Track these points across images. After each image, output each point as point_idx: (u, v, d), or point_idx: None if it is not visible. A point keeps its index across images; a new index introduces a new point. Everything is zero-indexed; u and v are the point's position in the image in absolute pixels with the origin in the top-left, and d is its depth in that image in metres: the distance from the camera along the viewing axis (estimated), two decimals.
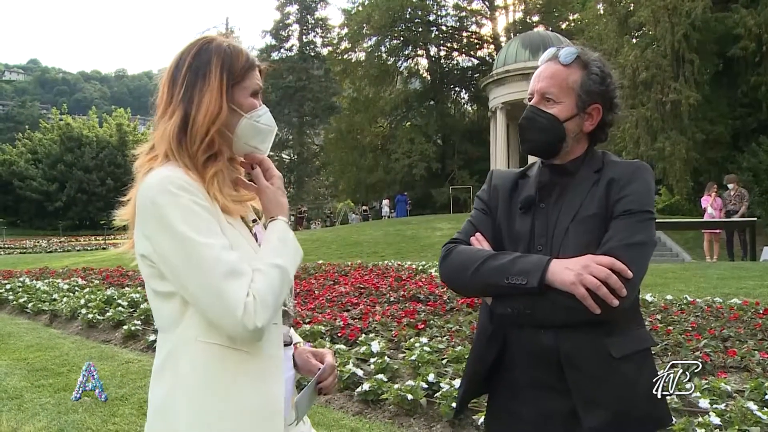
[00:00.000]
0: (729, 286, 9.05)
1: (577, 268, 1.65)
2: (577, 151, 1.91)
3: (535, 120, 1.88)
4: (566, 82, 1.86)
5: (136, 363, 6.36)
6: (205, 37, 1.70)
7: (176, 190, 1.49)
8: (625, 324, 1.78)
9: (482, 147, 40.10)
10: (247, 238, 1.63)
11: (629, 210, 1.74)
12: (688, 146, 18.43)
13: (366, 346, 5.56)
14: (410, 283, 9.40)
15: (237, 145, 1.68)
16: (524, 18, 45.74)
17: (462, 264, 1.83)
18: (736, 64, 20.48)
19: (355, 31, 42.29)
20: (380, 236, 21.09)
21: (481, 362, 1.90)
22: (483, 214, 1.97)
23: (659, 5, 18.94)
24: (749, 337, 5.87)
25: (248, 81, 1.67)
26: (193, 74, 1.61)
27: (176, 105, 1.60)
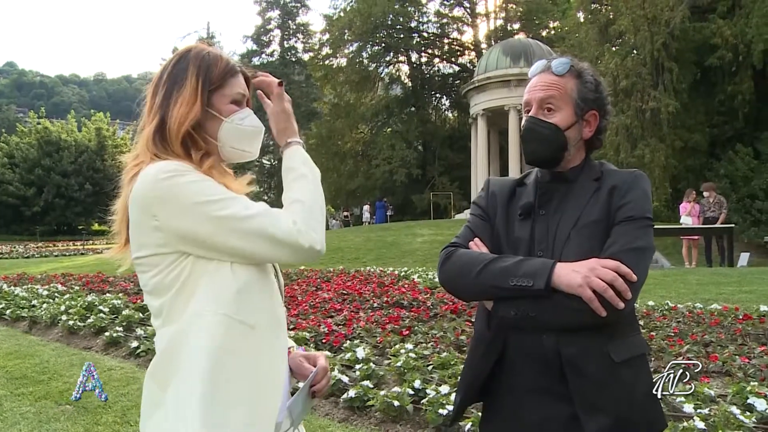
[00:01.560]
0: (708, 291, 9.15)
1: (584, 270, 1.66)
2: (576, 160, 1.93)
3: (537, 130, 1.90)
4: (564, 90, 1.89)
5: (118, 370, 6.29)
6: (187, 47, 1.73)
7: (173, 173, 1.51)
8: (624, 329, 1.80)
9: (463, 153, 40.22)
10: None
11: (631, 216, 1.77)
12: (667, 153, 18.66)
13: (351, 352, 5.55)
14: (393, 289, 9.41)
15: (224, 150, 1.71)
16: (505, 25, 45.97)
17: (464, 267, 1.83)
18: (714, 73, 20.78)
19: (337, 37, 42.29)
20: (361, 242, 21.07)
21: (479, 368, 1.90)
22: (481, 220, 1.98)
23: (639, 14, 19.17)
24: (730, 342, 5.93)
25: (228, 88, 1.69)
26: (171, 83, 1.65)
27: (155, 112, 1.64)
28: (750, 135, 20.56)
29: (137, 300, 9.09)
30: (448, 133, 45.61)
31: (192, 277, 1.53)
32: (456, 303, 7.93)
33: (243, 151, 1.74)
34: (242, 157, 1.75)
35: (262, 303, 1.61)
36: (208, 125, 1.67)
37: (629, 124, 19.82)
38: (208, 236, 1.50)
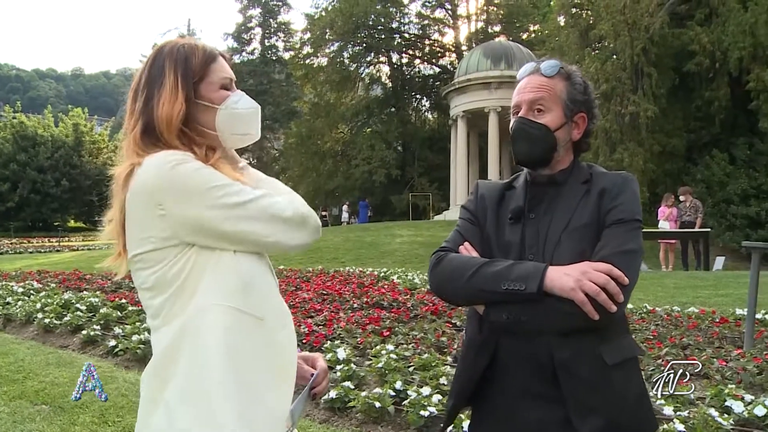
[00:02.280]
0: (685, 295, 9.24)
1: (576, 274, 1.66)
2: (564, 162, 1.93)
3: (527, 131, 1.89)
4: (554, 91, 1.89)
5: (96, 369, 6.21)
6: (162, 45, 1.69)
7: (177, 162, 1.49)
8: (615, 332, 1.80)
9: (442, 155, 40.31)
10: None
11: (621, 219, 1.77)
12: (645, 158, 18.84)
13: (332, 353, 5.53)
14: (373, 290, 9.40)
15: (224, 138, 1.67)
16: (486, 28, 46.14)
17: (455, 271, 1.82)
18: (691, 79, 21.01)
19: (318, 36, 42.16)
20: (340, 242, 21.05)
21: (471, 372, 1.89)
22: (470, 224, 1.97)
23: (619, 19, 19.33)
24: (707, 345, 5.99)
25: (212, 75, 1.66)
26: (150, 83, 1.61)
27: (137, 116, 1.60)
28: (726, 141, 20.81)
29: (115, 298, 9.00)
30: (428, 135, 45.66)
31: (195, 271, 1.50)
32: (436, 304, 7.94)
33: (244, 135, 1.71)
34: (244, 141, 1.72)
35: (268, 295, 1.59)
36: (202, 117, 1.64)
37: (608, 127, 19.97)
38: (218, 222, 1.48)
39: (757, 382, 4.84)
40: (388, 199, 40.61)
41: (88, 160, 55.52)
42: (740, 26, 18.07)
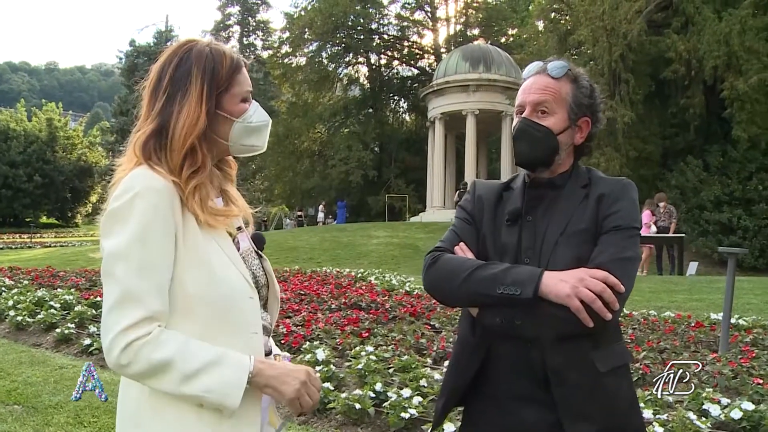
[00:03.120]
0: (661, 299, 9.33)
1: (572, 280, 1.65)
2: (565, 165, 1.92)
3: (530, 132, 1.88)
4: (559, 93, 1.87)
5: (70, 368, 6.10)
6: (187, 43, 1.66)
7: (142, 191, 1.48)
8: (608, 338, 1.80)
9: (419, 156, 40.39)
10: (225, 246, 1.60)
11: (618, 226, 1.77)
12: (622, 163, 19.00)
13: (311, 353, 5.50)
14: (351, 291, 9.37)
15: (233, 148, 1.67)
16: (465, 31, 46.27)
17: (450, 272, 1.81)
18: (667, 86, 21.25)
19: (297, 36, 41.97)
20: (316, 242, 21.03)
21: (463, 374, 1.88)
22: (467, 224, 1.96)
23: (598, 25, 19.49)
24: (684, 349, 6.05)
25: (236, 87, 1.64)
26: (174, 86, 1.58)
27: (153, 117, 1.58)
28: (700, 148, 21.06)
29: (90, 296, 8.87)
30: (405, 136, 45.71)
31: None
32: (415, 306, 7.95)
33: (252, 146, 1.70)
34: (251, 151, 1.72)
35: None
36: (218, 128, 1.63)
37: None
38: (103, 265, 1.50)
39: (732, 386, 4.89)
40: (365, 199, 40.57)
41: (62, 155, 54.86)
42: (715, 36, 18.32)
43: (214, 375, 1.45)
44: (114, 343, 1.43)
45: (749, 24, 18.07)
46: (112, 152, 45.54)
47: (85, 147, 57.53)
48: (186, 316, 1.51)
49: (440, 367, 5.35)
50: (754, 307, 8.65)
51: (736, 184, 19.39)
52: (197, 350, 1.47)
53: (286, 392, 1.53)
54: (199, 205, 1.55)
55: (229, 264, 1.58)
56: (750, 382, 4.79)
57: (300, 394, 1.54)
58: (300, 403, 1.56)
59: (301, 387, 1.55)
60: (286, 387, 1.53)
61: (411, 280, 11.25)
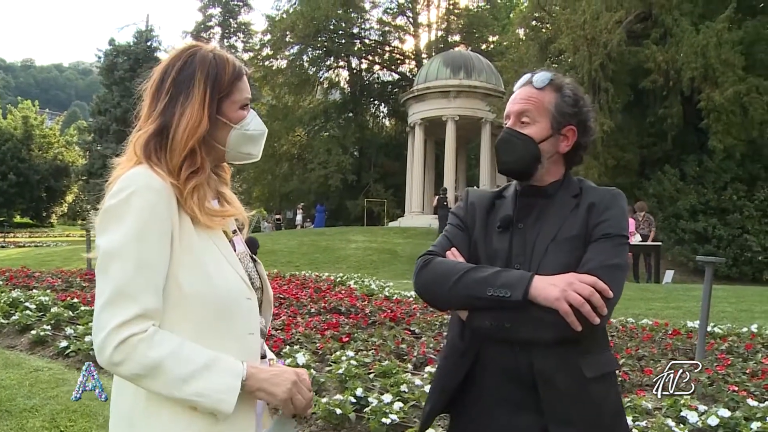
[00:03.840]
0: (638, 307, 9.41)
1: (561, 284, 1.68)
2: (555, 174, 1.95)
3: (511, 141, 1.92)
4: (541, 103, 1.91)
5: (46, 371, 6.00)
6: (191, 47, 1.68)
7: (140, 189, 1.48)
8: (596, 345, 1.83)
9: (399, 161, 40.47)
10: (222, 247, 1.61)
11: (608, 234, 1.80)
12: (600, 171, 19.15)
13: (291, 358, 5.47)
14: (330, 295, 9.36)
15: (230, 155, 1.69)
16: (446, 37, 46.47)
17: (441, 275, 1.83)
18: (646, 96, 21.45)
19: (278, 38, 41.89)
20: (295, 246, 20.97)
21: (451, 378, 1.90)
22: (459, 230, 1.98)
23: (579, 34, 19.65)
24: (662, 356, 6.11)
25: (237, 94, 1.66)
26: (177, 88, 1.60)
27: (155, 118, 1.59)
28: (677, 157, 21.30)
29: (66, 297, 8.77)
30: (385, 141, 45.82)
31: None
32: (395, 311, 7.95)
33: (248, 154, 1.73)
34: (246, 159, 1.74)
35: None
36: (217, 133, 1.64)
37: None
38: (99, 260, 1.50)
39: (708, 393, 4.95)
40: (344, 204, 40.58)
41: (38, 154, 54.19)
42: (692, 47, 18.56)
43: (207, 380, 1.45)
44: (107, 341, 1.42)
45: (725, 37, 18.34)
46: (89, 152, 44.98)
47: (62, 146, 56.89)
48: (182, 315, 1.51)
49: (421, 373, 5.36)
50: (729, 315, 8.77)
51: (711, 194, 19.64)
52: (191, 353, 1.46)
53: (277, 393, 1.54)
54: (197, 205, 1.56)
55: (227, 264, 1.59)
56: (726, 390, 4.86)
57: (292, 394, 1.55)
58: (293, 404, 1.57)
59: (292, 387, 1.56)
60: (278, 388, 1.54)
61: (390, 285, 11.26)
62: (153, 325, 1.46)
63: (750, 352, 6.24)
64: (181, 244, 1.52)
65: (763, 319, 8.28)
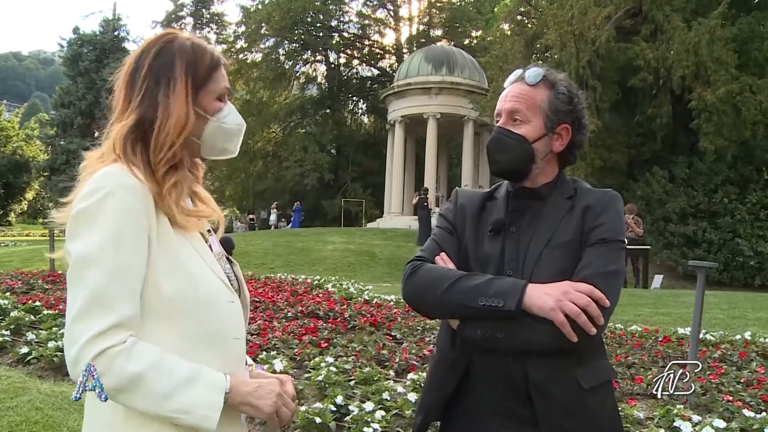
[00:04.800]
0: (627, 312, 9.45)
1: (556, 293, 1.67)
2: (548, 175, 1.94)
3: (503, 141, 1.90)
4: (534, 101, 1.90)
5: (4, 380, 5.86)
6: (167, 34, 1.64)
7: (114, 190, 1.44)
8: (592, 354, 1.82)
9: (377, 160, 40.56)
10: (200, 249, 1.59)
11: (604, 239, 1.79)
12: (587, 172, 19.23)
13: (268, 364, 5.43)
14: (307, 298, 9.32)
15: (205, 149, 1.65)
16: (428, 31, 46.57)
17: (431, 282, 1.81)
18: (635, 94, 21.58)
19: (253, 31, 41.78)
20: (269, 247, 20.89)
21: (442, 389, 1.89)
22: (448, 234, 1.97)
23: (566, 30, 19.72)
24: (652, 364, 6.14)
25: (214, 84, 1.63)
26: (153, 77, 1.56)
27: (132, 109, 1.55)
28: (666, 158, 21.43)
29: (27, 300, 8.63)
30: (364, 138, 45.88)
31: None
32: (375, 315, 7.93)
33: (224, 149, 1.69)
34: (223, 154, 1.71)
35: None
36: (193, 125, 1.60)
37: None
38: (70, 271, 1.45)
39: (702, 402, 4.97)
40: (320, 203, 40.53)
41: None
42: (684, 45, 18.66)
43: (190, 395, 1.41)
44: (81, 354, 1.37)
45: (718, 34, 18.46)
46: (51, 147, 44.37)
47: (22, 140, 56.21)
48: (163, 322, 1.48)
49: (403, 380, 5.34)
50: (721, 322, 8.83)
51: (701, 197, 19.79)
52: (172, 366, 1.43)
53: (263, 407, 1.51)
54: (174, 203, 1.52)
55: (206, 267, 1.56)
56: (720, 399, 4.88)
57: (278, 407, 1.53)
58: (279, 416, 1.54)
59: (277, 399, 1.53)
60: (262, 401, 1.51)
61: (369, 288, 11.23)
62: (131, 336, 1.41)
63: (744, 360, 6.27)
64: (159, 246, 1.48)
65: (757, 327, 8.36)
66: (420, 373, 5.25)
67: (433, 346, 6.27)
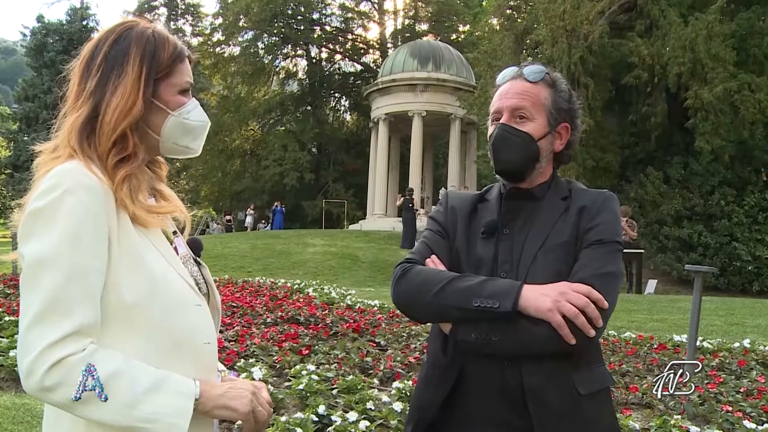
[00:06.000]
0: (620, 318, 9.49)
1: (554, 294, 1.67)
2: (543, 175, 1.95)
3: (510, 139, 1.90)
4: (538, 98, 1.91)
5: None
6: (127, 22, 1.62)
7: (72, 188, 1.41)
8: (590, 360, 1.83)
9: (360, 159, 40.51)
10: (164, 250, 1.56)
11: (601, 240, 1.80)
12: (578, 173, 19.21)
13: (246, 372, 5.40)
14: (287, 303, 9.28)
15: (165, 146, 1.63)
16: (413, 25, 46.60)
17: (422, 284, 1.80)
18: (629, 92, 21.64)
19: (231, 23, 41.60)
20: (247, 249, 20.84)
21: (433, 396, 1.87)
22: (439, 236, 1.97)
23: (558, 25, 19.74)
24: (647, 372, 6.16)
25: (176, 77, 1.61)
26: (108, 64, 1.54)
27: (86, 98, 1.53)
28: (661, 159, 21.48)
29: None
30: (346, 137, 45.85)
31: None
32: (358, 321, 7.91)
33: (186, 148, 1.67)
34: (184, 153, 1.68)
35: None
36: (151, 119, 1.58)
37: None
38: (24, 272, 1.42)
39: (700, 413, 4.98)
40: (300, 204, 40.45)
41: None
42: (680, 41, 18.69)
43: (156, 402, 1.38)
44: (37, 363, 1.33)
45: (716, 30, 18.47)
46: (14, 142, 43.91)
47: None
48: (126, 328, 1.45)
49: (388, 389, 5.32)
50: (718, 329, 8.89)
51: (697, 199, 19.89)
52: (137, 373, 1.39)
53: (238, 407, 1.49)
54: (128, 197, 1.49)
55: (171, 269, 1.54)
56: (719, 409, 4.89)
57: (253, 406, 1.50)
58: (255, 417, 1.52)
59: (253, 399, 1.51)
60: (236, 402, 1.49)
61: (352, 293, 11.21)
62: (92, 343, 1.38)
63: (743, 369, 6.30)
64: (121, 247, 1.45)
65: (756, 334, 8.41)
66: (405, 381, 5.23)
67: (419, 353, 6.27)
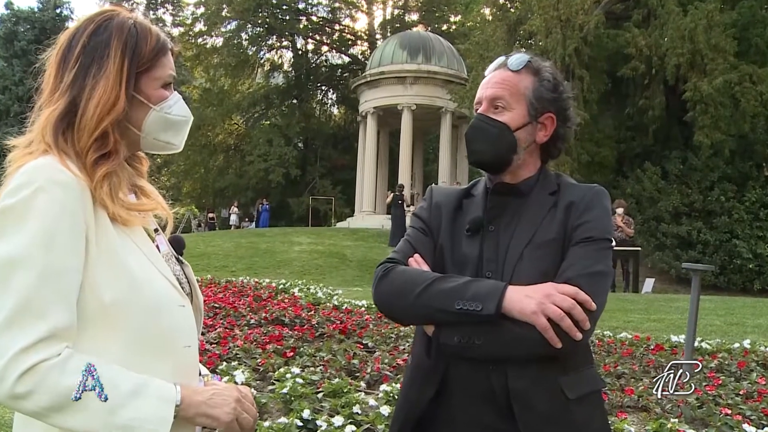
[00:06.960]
0: (616, 318, 9.51)
1: (538, 296, 1.66)
2: (530, 169, 1.94)
3: (484, 129, 1.90)
4: (517, 87, 1.90)
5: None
6: (107, 11, 1.60)
7: (46, 185, 1.39)
8: (578, 362, 1.82)
9: (348, 154, 40.54)
10: (145, 248, 1.55)
11: (590, 237, 1.79)
12: (573, 168, 19.22)
13: (228, 376, 5.38)
14: (272, 304, 9.26)
15: (146, 141, 1.62)
16: (402, 15, 46.58)
17: (404, 286, 1.80)
18: (625, 85, 21.65)
19: (213, 13, 41.46)
20: (231, 248, 20.81)
21: (416, 401, 1.87)
22: (422, 234, 1.96)
23: (552, 15, 19.74)
24: (643, 374, 6.16)
25: (159, 70, 1.60)
26: (87, 56, 1.52)
27: (63, 91, 1.51)
28: (658, 153, 21.49)
29: None
30: (333, 131, 45.84)
31: None
32: (344, 322, 7.90)
33: (167, 143, 1.66)
34: (165, 149, 1.68)
35: None
36: (132, 114, 1.56)
37: None
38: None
39: (698, 416, 4.99)
40: (286, 201, 40.38)
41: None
42: (679, 31, 18.69)
43: (135, 409, 1.37)
44: (8, 370, 1.30)
45: (716, 19, 18.47)
46: None
47: None
48: (104, 330, 1.43)
49: (375, 392, 5.32)
50: (718, 329, 8.91)
51: (696, 195, 19.92)
52: (115, 378, 1.38)
53: (220, 416, 1.48)
54: (108, 196, 1.47)
55: (152, 268, 1.52)
56: (718, 413, 4.89)
57: (237, 413, 1.50)
58: (239, 424, 1.51)
59: (236, 406, 1.50)
60: (219, 410, 1.48)
61: (339, 293, 11.21)
62: (67, 347, 1.36)
63: (743, 370, 6.31)
64: (98, 246, 1.44)
65: (757, 334, 8.43)
66: (393, 384, 5.22)
67: (408, 356, 6.26)
